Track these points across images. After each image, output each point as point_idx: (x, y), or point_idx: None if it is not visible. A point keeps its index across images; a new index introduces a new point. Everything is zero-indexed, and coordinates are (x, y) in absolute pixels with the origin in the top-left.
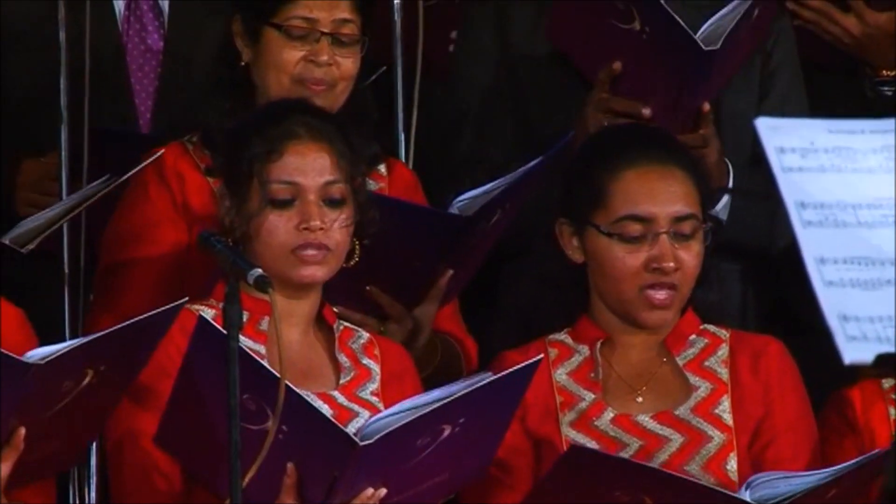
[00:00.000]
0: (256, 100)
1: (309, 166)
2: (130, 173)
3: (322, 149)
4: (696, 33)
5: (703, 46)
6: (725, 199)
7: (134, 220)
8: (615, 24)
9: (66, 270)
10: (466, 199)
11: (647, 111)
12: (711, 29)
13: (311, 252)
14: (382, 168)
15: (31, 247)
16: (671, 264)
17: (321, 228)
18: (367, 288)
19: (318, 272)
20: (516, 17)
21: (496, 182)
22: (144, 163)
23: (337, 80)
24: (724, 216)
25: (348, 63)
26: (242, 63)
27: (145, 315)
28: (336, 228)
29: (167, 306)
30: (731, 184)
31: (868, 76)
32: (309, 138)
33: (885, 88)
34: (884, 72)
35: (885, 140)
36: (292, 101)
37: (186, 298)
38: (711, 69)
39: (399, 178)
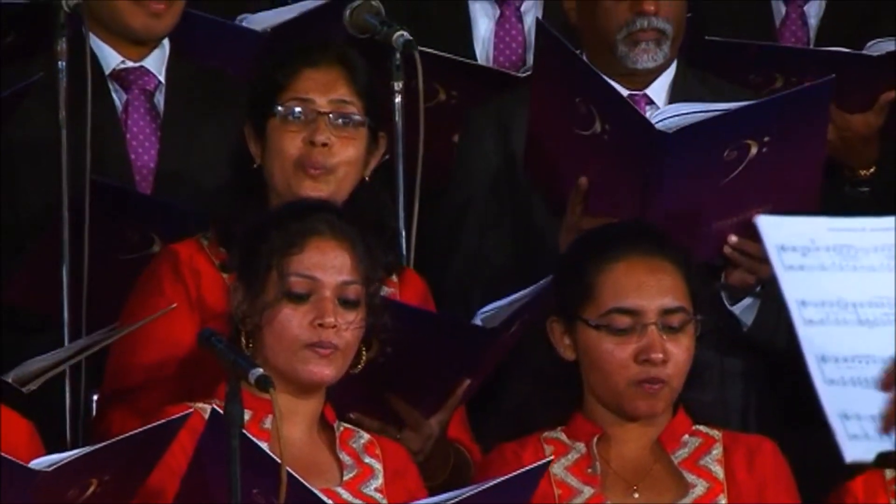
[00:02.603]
0: (268, 199)
1: (329, 263)
2: (139, 323)
3: (343, 248)
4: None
5: (661, 129)
6: (749, 300)
7: (147, 315)
8: (578, 134)
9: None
10: (490, 311)
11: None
12: (675, 119)
13: (321, 351)
14: (395, 276)
15: (32, 387)
16: (660, 355)
17: (334, 326)
18: (386, 396)
19: (325, 371)
20: (517, 120)
21: (521, 293)
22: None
23: (337, 165)
24: (747, 319)
25: (349, 149)
26: (255, 165)
27: (151, 426)
28: (348, 329)
29: (173, 417)
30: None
31: (846, 176)
32: (331, 236)
33: (863, 188)
34: (861, 171)
35: (886, 238)
36: (316, 200)
37: (192, 409)
38: (667, 151)
39: (410, 285)
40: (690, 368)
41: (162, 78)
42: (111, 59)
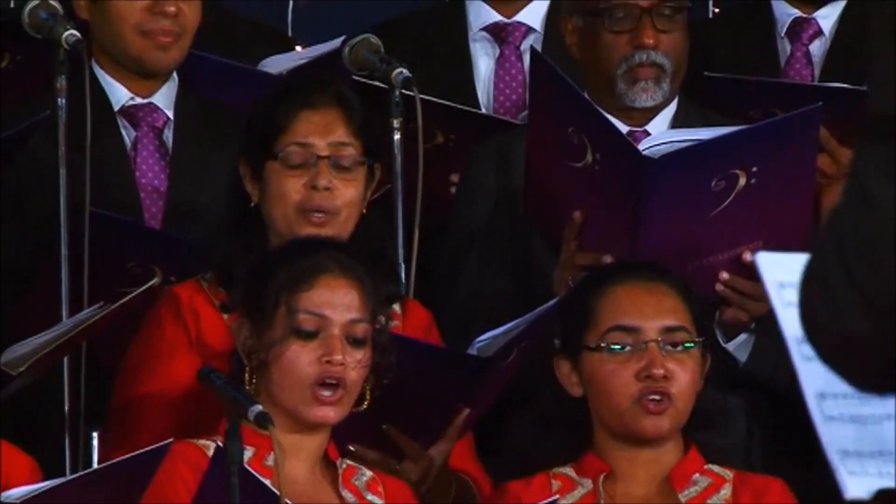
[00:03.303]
0: (268, 238)
1: (338, 301)
2: (122, 301)
3: (352, 286)
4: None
5: (648, 155)
6: (743, 337)
7: (148, 356)
8: (572, 166)
9: (66, 407)
10: (486, 340)
11: (607, 258)
12: (663, 147)
13: (327, 393)
14: (397, 307)
15: (21, 369)
16: (660, 371)
17: (342, 364)
18: (384, 427)
19: (331, 413)
20: (518, 155)
21: (516, 322)
22: (138, 290)
23: (340, 208)
24: (742, 356)
25: (350, 190)
26: (252, 204)
27: (127, 456)
28: (355, 368)
29: (151, 447)
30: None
31: None
32: (340, 273)
33: None
34: None
35: None
36: (323, 238)
37: (171, 440)
38: (654, 178)
39: (414, 317)
40: (700, 410)
41: (171, 114)
42: (120, 95)
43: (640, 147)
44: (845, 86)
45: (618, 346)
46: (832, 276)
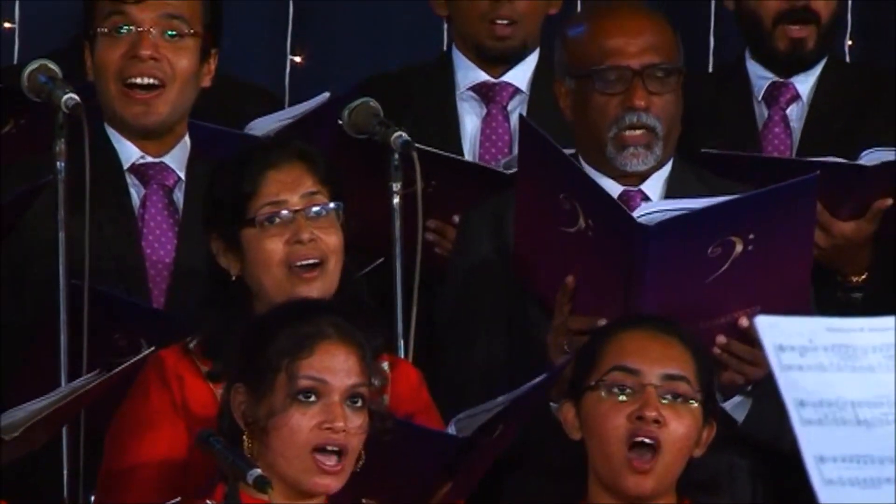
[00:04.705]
0: (254, 304)
1: (339, 366)
2: (118, 369)
3: (351, 352)
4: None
5: (643, 222)
6: (739, 398)
7: (134, 422)
8: (564, 232)
9: (66, 471)
10: (465, 418)
11: (602, 321)
12: (659, 215)
13: (329, 462)
14: (386, 366)
15: (16, 434)
16: (653, 413)
17: (344, 430)
18: (364, 501)
19: (332, 483)
20: (511, 221)
21: (499, 400)
22: (134, 359)
23: (327, 256)
24: (738, 416)
25: (332, 237)
26: (234, 278)
27: None
28: (356, 434)
29: None
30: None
31: (839, 283)
32: (339, 339)
33: (856, 294)
34: (853, 278)
35: (885, 338)
36: (319, 301)
37: (179, 499)
38: (649, 244)
39: (403, 377)
40: (705, 471)
41: (182, 174)
42: (130, 153)
43: (636, 214)
44: (840, 160)
45: (617, 387)
46: None
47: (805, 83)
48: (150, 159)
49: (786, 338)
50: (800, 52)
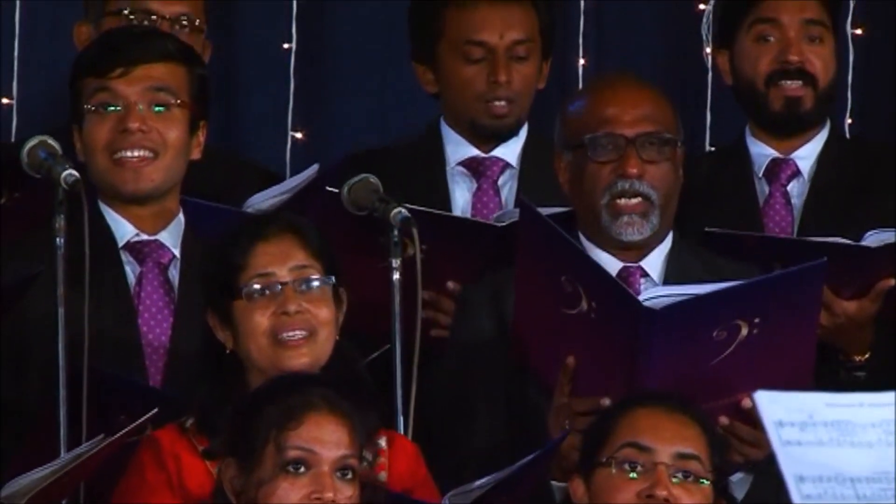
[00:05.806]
0: (247, 383)
1: (327, 437)
2: (120, 433)
3: (340, 423)
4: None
5: (648, 306)
6: (740, 475)
7: (131, 502)
8: (565, 313)
9: None
10: (459, 494)
11: (605, 401)
12: (664, 300)
13: None
14: (383, 441)
15: (21, 502)
16: (663, 493)
17: (333, 502)
18: None
19: None
20: (512, 299)
21: (492, 476)
22: (134, 423)
23: (316, 328)
24: (739, 493)
25: (322, 310)
26: (228, 351)
27: None
28: None
29: None
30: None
31: (841, 361)
32: (328, 410)
33: (858, 373)
34: (856, 357)
35: (884, 414)
36: (308, 374)
37: None
38: (655, 327)
39: (400, 450)
40: None
41: (177, 252)
42: (125, 231)
43: (642, 298)
44: (845, 241)
45: (628, 464)
46: None
47: (806, 159)
48: (145, 237)
49: (785, 413)
50: (795, 111)
